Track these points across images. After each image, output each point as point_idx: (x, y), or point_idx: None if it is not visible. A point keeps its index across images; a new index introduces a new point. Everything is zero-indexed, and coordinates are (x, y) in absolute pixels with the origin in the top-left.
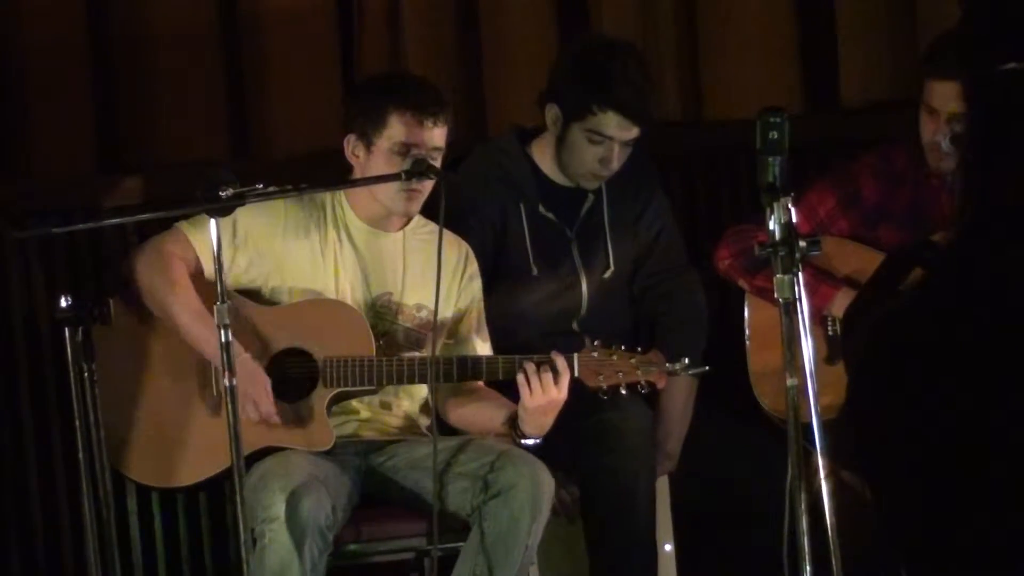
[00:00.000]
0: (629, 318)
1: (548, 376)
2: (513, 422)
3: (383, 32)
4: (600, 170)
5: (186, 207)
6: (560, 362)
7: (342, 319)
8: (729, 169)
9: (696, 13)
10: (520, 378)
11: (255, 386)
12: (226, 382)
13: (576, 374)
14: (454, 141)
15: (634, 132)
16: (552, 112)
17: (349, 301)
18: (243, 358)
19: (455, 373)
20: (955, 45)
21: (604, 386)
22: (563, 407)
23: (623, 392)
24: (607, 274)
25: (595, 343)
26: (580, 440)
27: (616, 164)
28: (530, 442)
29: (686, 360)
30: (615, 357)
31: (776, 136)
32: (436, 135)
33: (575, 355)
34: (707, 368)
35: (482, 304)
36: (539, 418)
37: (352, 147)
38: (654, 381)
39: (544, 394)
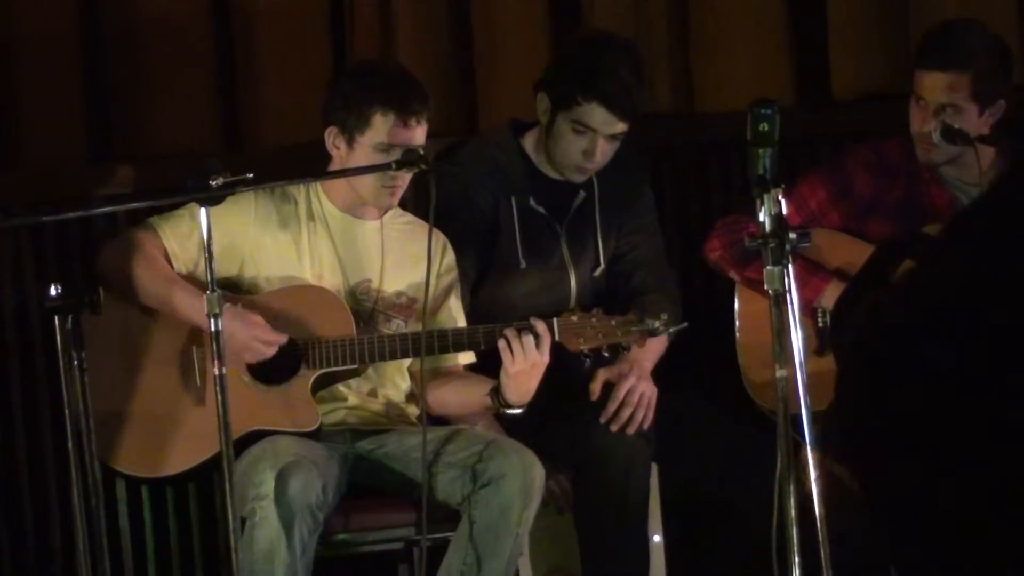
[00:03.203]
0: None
1: (529, 340)
2: (496, 392)
3: (374, 24)
4: (584, 162)
5: (176, 196)
6: (540, 326)
7: (321, 302)
8: (720, 161)
9: (688, 5)
10: (501, 344)
11: (252, 327)
12: (215, 370)
13: (557, 338)
14: (445, 133)
15: (619, 127)
16: (543, 101)
17: (327, 287)
18: (226, 307)
19: (436, 345)
20: (945, 37)
21: (585, 349)
22: (556, 396)
23: (605, 355)
24: (597, 272)
25: (574, 308)
26: (573, 430)
27: (600, 157)
28: (514, 411)
29: (664, 316)
30: (595, 320)
31: (767, 128)
32: (418, 134)
33: (555, 319)
34: (686, 324)
35: (460, 289)
36: (522, 383)
37: (333, 139)
38: (634, 342)
39: (526, 358)
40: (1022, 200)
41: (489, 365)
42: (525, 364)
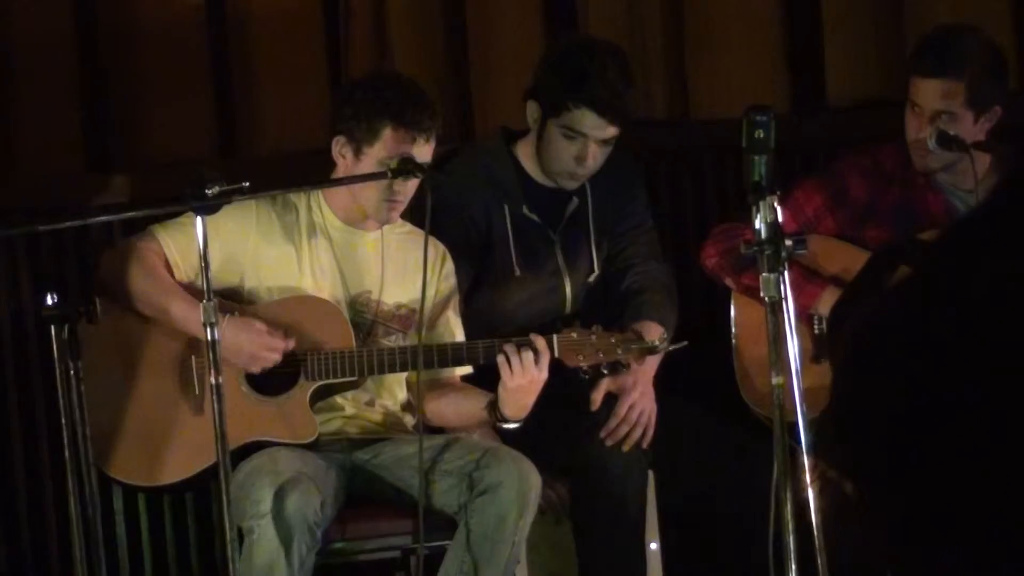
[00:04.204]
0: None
1: (528, 356)
2: (493, 406)
3: (370, 32)
4: (576, 168)
5: (173, 205)
6: (540, 342)
7: (321, 314)
8: (716, 168)
9: (683, 12)
10: (500, 359)
11: (254, 333)
12: (212, 379)
13: (556, 354)
14: (440, 140)
15: (610, 132)
16: (532, 109)
17: (327, 298)
18: (228, 318)
19: (435, 359)
20: (940, 44)
21: (584, 366)
22: (555, 405)
23: (604, 372)
24: (592, 278)
25: (575, 324)
26: (571, 438)
27: (592, 163)
28: (511, 426)
29: (665, 335)
30: (595, 337)
31: (762, 135)
32: (426, 151)
33: (555, 335)
34: (686, 343)
35: (458, 299)
36: (520, 398)
37: (340, 148)
38: (634, 360)
39: (524, 374)
40: (1019, 209)
41: (487, 377)
42: (524, 380)
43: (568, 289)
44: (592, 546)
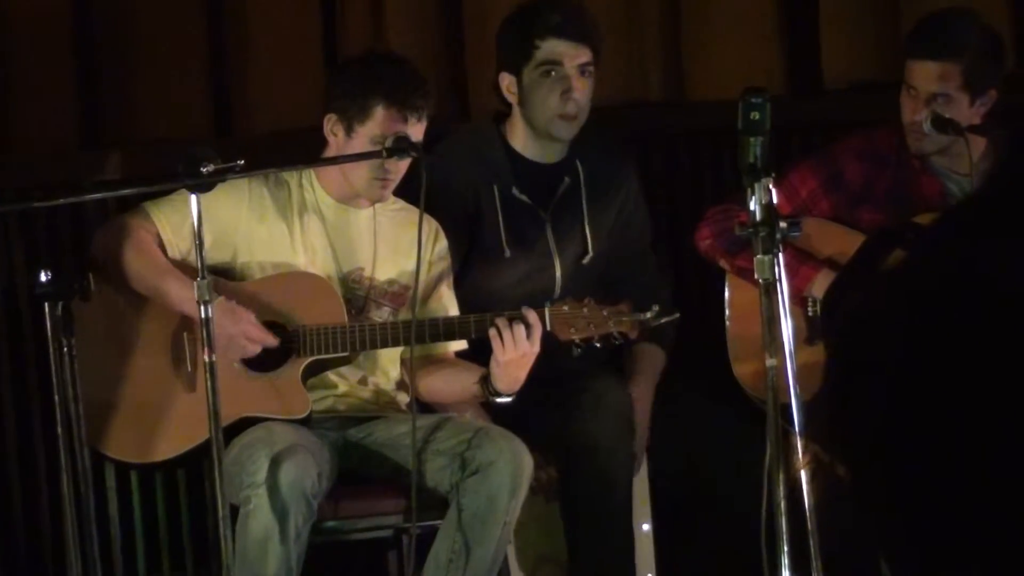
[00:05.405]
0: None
1: (520, 329)
2: (485, 381)
3: (365, 11)
4: (564, 106)
5: (167, 183)
6: (532, 316)
7: (313, 290)
8: (711, 150)
9: None
10: (492, 332)
11: (241, 323)
12: (205, 357)
13: (548, 327)
14: (435, 119)
15: (584, 55)
16: (506, 80)
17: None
18: (218, 301)
19: (427, 333)
20: (937, 27)
21: (576, 339)
22: (544, 385)
23: (597, 345)
24: (586, 260)
25: (567, 297)
26: (558, 418)
27: (579, 96)
28: (503, 400)
29: (656, 308)
30: (586, 310)
31: (758, 117)
32: (417, 131)
33: (546, 309)
34: (677, 315)
35: (452, 278)
36: (512, 372)
37: (331, 126)
38: (626, 332)
39: (516, 348)
40: (1013, 195)
41: (481, 353)
42: (515, 353)
43: (558, 270)
44: (581, 525)
